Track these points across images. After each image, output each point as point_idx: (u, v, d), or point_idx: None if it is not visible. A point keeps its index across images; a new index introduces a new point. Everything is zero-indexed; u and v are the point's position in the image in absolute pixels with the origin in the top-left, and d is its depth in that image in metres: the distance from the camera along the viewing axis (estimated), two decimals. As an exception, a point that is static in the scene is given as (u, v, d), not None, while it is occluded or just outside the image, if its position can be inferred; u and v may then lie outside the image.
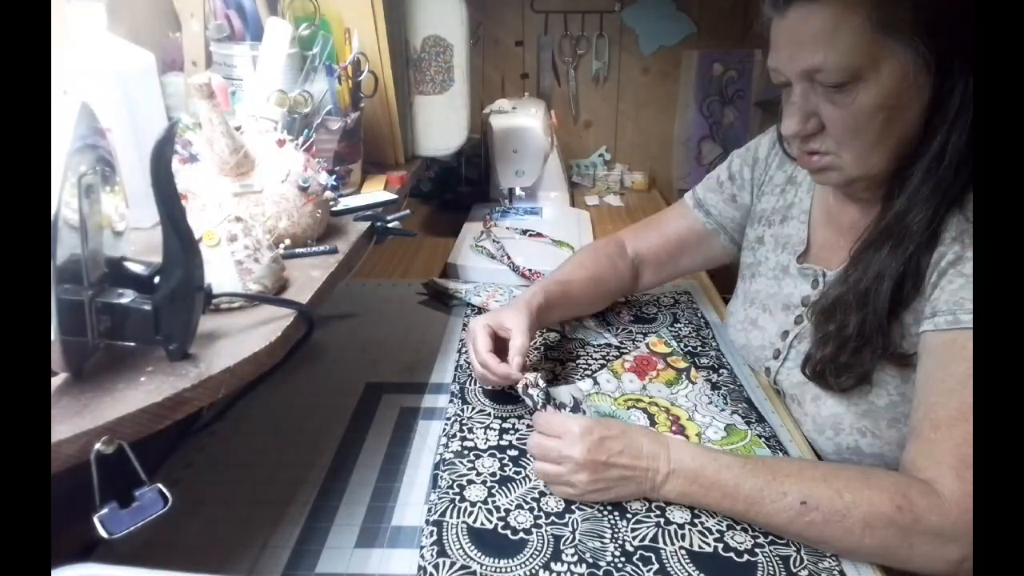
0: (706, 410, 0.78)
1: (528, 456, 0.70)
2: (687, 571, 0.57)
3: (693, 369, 0.86)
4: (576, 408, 0.77)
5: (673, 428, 0.75)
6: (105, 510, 0.41)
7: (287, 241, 0.64)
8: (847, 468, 0.62)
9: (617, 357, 0.90)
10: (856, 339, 0.67)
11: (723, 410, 0.78)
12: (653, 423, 0.76)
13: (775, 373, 0.82)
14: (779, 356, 0.81)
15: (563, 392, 0.80)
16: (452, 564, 0.57)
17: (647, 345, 0.92)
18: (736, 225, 0.94)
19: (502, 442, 0.72)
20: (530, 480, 0.67)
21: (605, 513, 0.63)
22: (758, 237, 0.89)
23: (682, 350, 0.91)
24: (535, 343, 0.93)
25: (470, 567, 0.57)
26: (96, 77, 0.63)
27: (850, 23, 0.60)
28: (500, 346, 0.76)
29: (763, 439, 0.73)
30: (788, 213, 0.85)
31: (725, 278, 0.90)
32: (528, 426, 0.74)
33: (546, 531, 0.61)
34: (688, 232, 0.97)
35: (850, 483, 0.58)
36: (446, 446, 0.72)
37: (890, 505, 0.56)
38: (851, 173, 0.67)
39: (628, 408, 0.78)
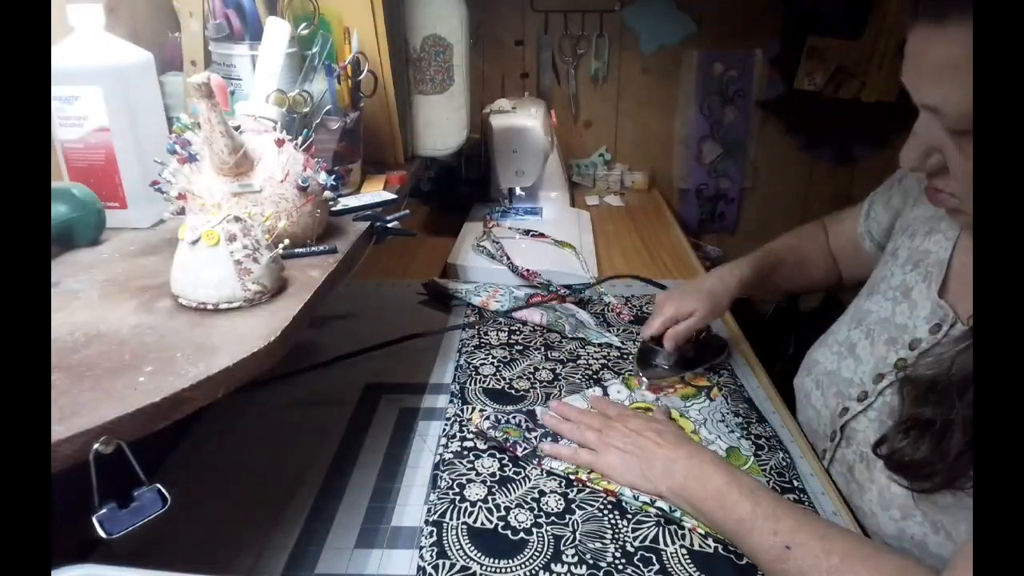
0: (715, 427, 0.75)
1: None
2: (688, 572, 0.57)
3: (715, 389, 0.83)
4: None
5: None
6: (104, 510, 0.41)
7: (286, 241, 0.64)
8: (856, 538, 0.55)
9: (619, 358, 0.89)
10: (958, 443, 0.52)
11: (732, 432, 0.74)
12: None
13: (850, 417, 0.69)
14: (864, 400, 0.68)
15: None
16: (452, 565, 0.57)
17: None
18: (882, 231, 0.84)
19: (502, 442, 0.72)
20: (530, 480, 0.67)
21: (606, 513, 0.63)
22: (894, 250, 0.76)
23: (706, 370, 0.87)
24: (535, 343, 0.93)
25: (470, 568, 0.57)
26: (95, 77, 0.63)
27: None
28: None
29: (764, 469, 0.69)
30: (936, 226, 0.71)
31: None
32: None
33: (546, 531, 0.61)
34: (852, 234, 0.91)
35: (848, 553, 0.51)
36: (446, 446, 0.72)
37: None
38: None
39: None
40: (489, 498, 0.64)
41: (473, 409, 0.78)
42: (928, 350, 0.63)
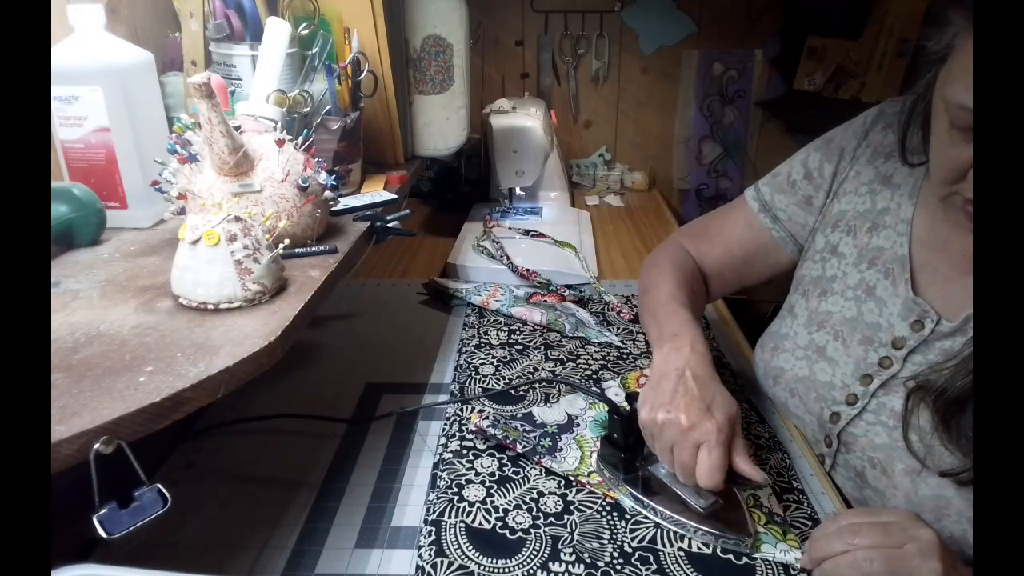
0: None
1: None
2: (685, 573, 0.57)
3: None
4: (571, 424, 0.75)
5: None
6: (104, 510, 0.41)
7: (286, 241, 0.64)
8: None
9: (618, 357, 0.90)
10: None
11: None
12: None
13: (845, 423, 0.67)
14: (855, 404, 0.67)
15: (553, 412, 0.76)
16: (450, 564, 0.57)
17: None
18: (808, 233, 0.79)
19: (501, 442, 0.72)
20: (528, 480, 0.67)
21: (604, 514, 0.63)
22: (831, 247, 0.73)
23: None
24: (535, 343, 0.93)
25: (468, 567, 0.57)
26: (95, 77, 0.63)
27: None
28: None
29: (762, 469, 0.66)
30: (879, 221, 0.70)
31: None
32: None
33: (544, 531, 0.61)
34: (753, 244, 0.83)
35: None
36: (445, 446, 0.72)
37: None
38: None
39: None
40: (488, 498, 0.64)
41: (472, 410, 0.78)
42: (917, 347, 0.63)
